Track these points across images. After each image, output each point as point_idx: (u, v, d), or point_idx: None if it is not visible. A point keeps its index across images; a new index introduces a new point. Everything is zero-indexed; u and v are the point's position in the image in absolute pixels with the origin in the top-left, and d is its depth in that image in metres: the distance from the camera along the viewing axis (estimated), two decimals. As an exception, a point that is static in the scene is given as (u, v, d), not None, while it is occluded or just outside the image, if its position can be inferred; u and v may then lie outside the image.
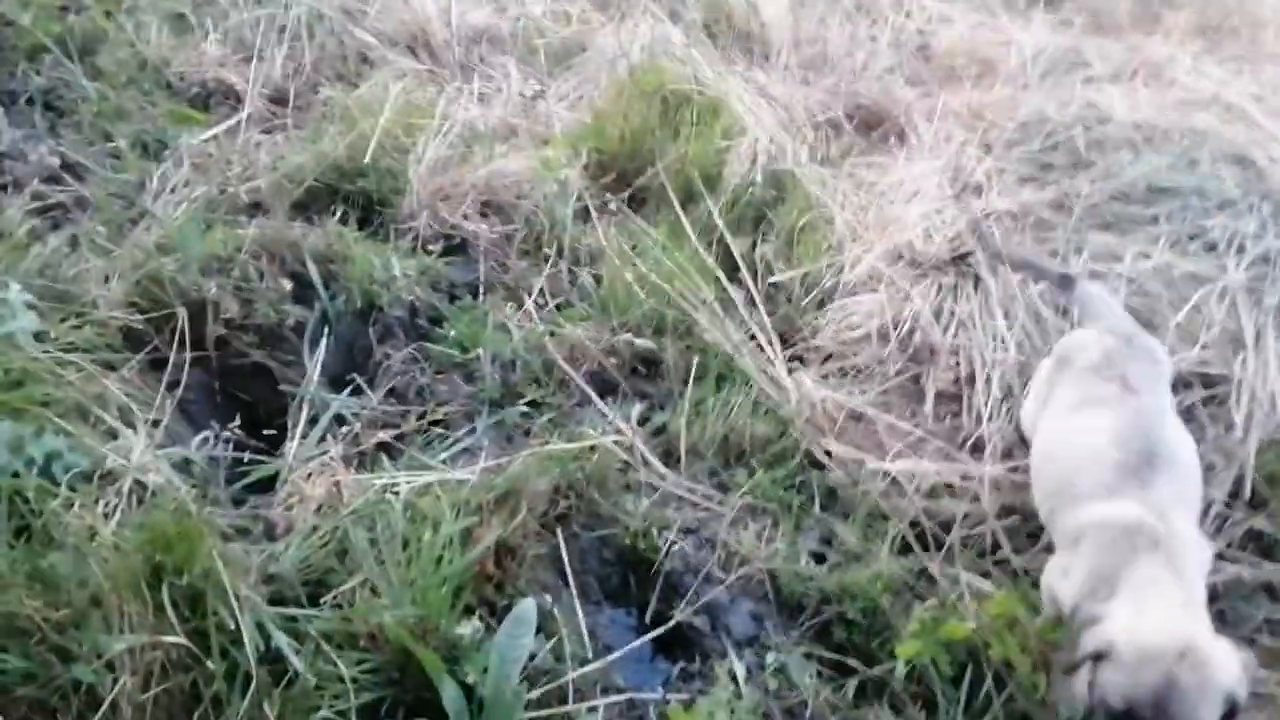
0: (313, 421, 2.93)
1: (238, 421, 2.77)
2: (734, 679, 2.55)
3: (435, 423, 3.00)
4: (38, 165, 3.60)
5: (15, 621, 2.08)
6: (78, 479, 2.44)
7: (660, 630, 2.67)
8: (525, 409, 3.08)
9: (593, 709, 2.40)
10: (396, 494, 2.62)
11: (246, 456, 2.78)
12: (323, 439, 2.86)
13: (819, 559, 2.89)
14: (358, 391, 3.07)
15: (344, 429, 2.89)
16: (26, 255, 3.12)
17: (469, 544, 2.55)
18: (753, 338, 3.38)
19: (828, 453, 3.12)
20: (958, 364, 3.37)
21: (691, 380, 3.23)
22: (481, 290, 3.44)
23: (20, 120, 3.89)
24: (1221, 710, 2.17)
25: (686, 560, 2.79)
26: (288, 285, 3.21)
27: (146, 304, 3.09)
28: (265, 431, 2.98)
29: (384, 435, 2.91)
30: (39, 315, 2.75)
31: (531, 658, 2.40)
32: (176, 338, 3.01)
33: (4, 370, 2.58)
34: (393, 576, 2.42)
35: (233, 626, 2.16)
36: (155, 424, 2.77)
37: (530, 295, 3.43)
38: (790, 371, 3.30)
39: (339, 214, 3.51)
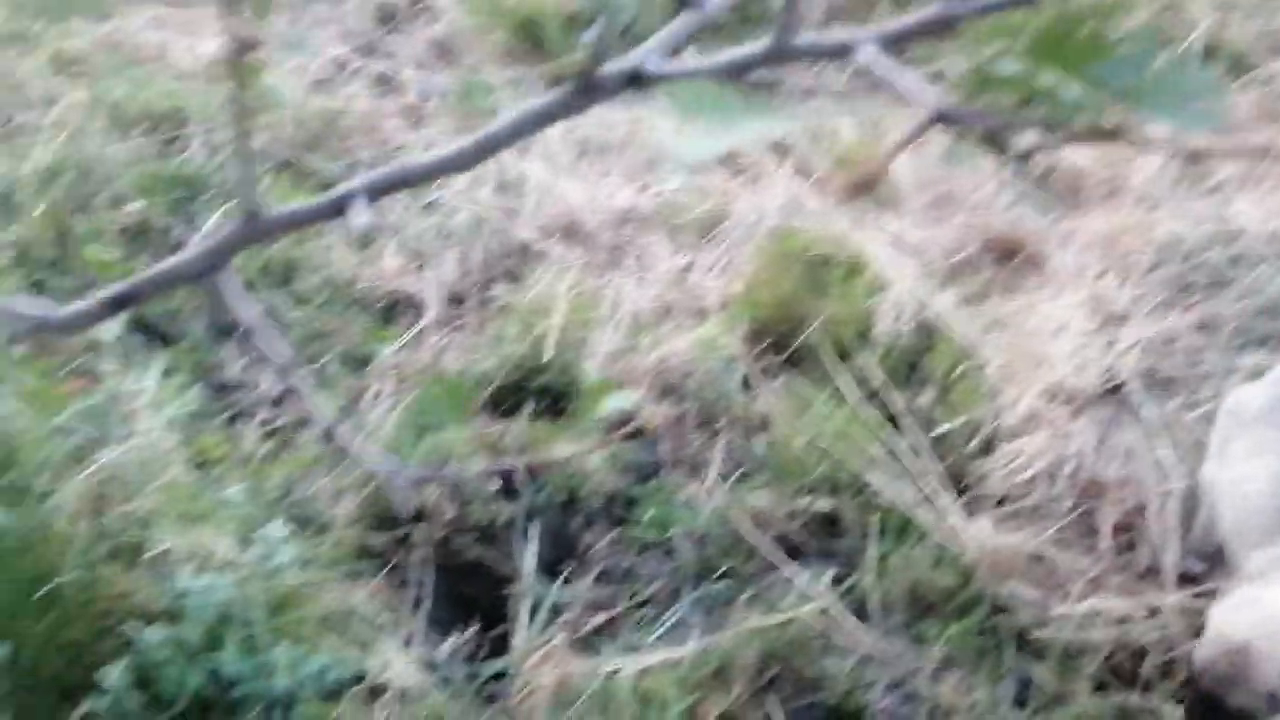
0: (532, 612, 3.24)
1: (474, 621, 3.11)
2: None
3: (643, 603, 3.29)
4: (265, 393, 4.10)
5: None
6: (346, 691, 2.80)
7: (879, 789, 2.87)
8: (723, 582, 3.34)
9: None
10: (620, 676, 2.90)
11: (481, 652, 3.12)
12: (545, 628, 3.17)
13: (1020, 704, 3.03)
14: (570, 579, 3.38)
15: (562, 617, 3.20)
16: (268, 480, 3.57)
17: (693, 721, 2.81)
18: (924, 490, 3.58)
19: (1013, 596, 3.27)
20: (1127, 497, 3.49)
21: (874, 536, 3.44)
22: (666, 469, 3.74)
23: (242, 350, 4.41)
24: None
25: (894, 717, 2.97)
26: (496, 484, 3.56)
27: (375, 514, 3.48)
28: (489, 617, 3.32)
29: (599, 619, 3.20)
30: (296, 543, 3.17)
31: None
32: (405, 547, 3.40)
33: (275, 597, 2.97)
34: (630, 758, 2.68)
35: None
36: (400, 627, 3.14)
37: (710, 469, 3.71)
38: (966, 519, 3.48)
39: (530, 411, 3.86)
